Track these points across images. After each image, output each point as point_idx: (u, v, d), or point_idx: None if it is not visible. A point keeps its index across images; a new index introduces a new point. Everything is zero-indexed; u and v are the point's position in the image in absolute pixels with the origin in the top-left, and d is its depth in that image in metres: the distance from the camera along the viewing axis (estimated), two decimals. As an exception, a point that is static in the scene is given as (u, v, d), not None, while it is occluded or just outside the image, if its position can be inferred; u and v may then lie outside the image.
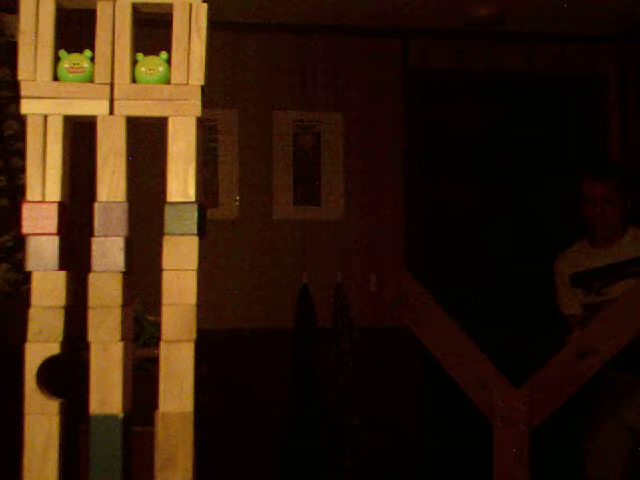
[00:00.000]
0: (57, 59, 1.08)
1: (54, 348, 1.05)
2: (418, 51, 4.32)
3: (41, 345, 1.05)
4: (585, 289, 3.12)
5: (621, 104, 4.41)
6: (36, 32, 1.07)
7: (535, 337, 3.84)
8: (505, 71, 4.44)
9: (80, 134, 1.16)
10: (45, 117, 1.07)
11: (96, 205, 1.08)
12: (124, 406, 1.06)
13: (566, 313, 3.19)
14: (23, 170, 1.09)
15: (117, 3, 1.09)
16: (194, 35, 1.09)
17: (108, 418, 1.05)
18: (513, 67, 4.41)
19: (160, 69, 1.09)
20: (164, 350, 1.07)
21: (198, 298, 1.08)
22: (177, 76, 1.09)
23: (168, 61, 1.10)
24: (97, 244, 1.07)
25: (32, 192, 1.07)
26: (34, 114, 1.07)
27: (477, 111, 5.20)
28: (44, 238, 1.06)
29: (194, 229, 1.08)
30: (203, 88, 1.10)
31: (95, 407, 1.06)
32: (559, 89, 4.68)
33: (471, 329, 2.01)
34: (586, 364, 1.83)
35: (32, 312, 1.05)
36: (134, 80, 1.09)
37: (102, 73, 1.08)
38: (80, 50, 1.09)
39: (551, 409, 1.84)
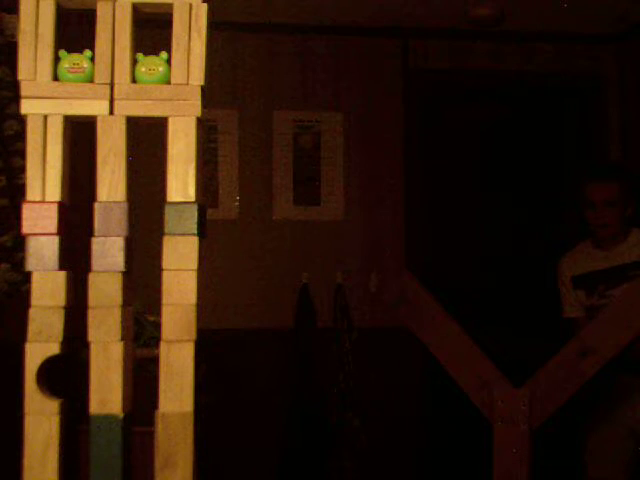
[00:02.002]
0: (57, 59, 1.08)
1: (54, 348, 1.05)
2: (418, 51, 4.32)
3: (41, 345, 1.05)
4: (587, 291, 3.12)
5: (621, 104, 4.40)
6: (36, 32, 1.07)
7: (535, 338, 3.84)
8: (505, 71, 4.44)
9: (80, 134, 1.16)
10: (45, 117, 1.07)
11: (96, 205, 1.08)
12: (124, 406, 1.06)
13: (568, 316, 3.19)
14: (23, 170, 1.09)
15: (117, 3, 1.09)
16: (194, 35, 1.09)
17: (108, 418, 1.05)
18: (513, 67, 4.41)
19: (160, 69, 1.09)
20: (164, 350, 1.07)
21: (198, 298, 1.07)
22: (177, 76, 1.09)
23: (168, 61, 1.10)
24: (97, 244, 1.07)
25: (32, 192, 1.07)
26: (34, 114, 1.07)
27: (477, 111, 5.20)
28: (44, 238, 1.06)
29: (194, 229, 1.08)
30: (203, 88, 1.10)
31: (95, 407, 1.06)
32: (559, 89, 4.68)
33: (471, 329, 2.01)
34: (586, 364, 1.83)
35: (32, 312, 1.05)
36: (134, 80, 1.09)
37: (102, 73, 1.08)
38: (80, 50, 1.09)
39: (551, 409, 1.84)
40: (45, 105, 1.07)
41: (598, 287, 3.09)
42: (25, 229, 1.06)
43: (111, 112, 1.08)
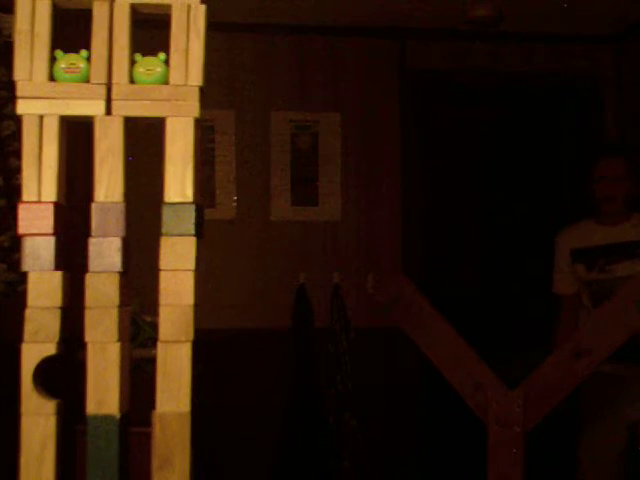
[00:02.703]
0: (53, 59, 1.08)
1: (51, 348, 1.05)
2: (416, 51, 4.32)
3: (38, 346, 1.05)
4: (587, 265, 3.13)
5: (619, 105, 4.41)
6: (32, 32, 1.07)
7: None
8: (503, 72, 4.45)
9: (78, 134, 1.16)
10: (41, 117, 1.07)
11: (93, 205, 1.08)
12: (121, 406, 1.06)
13: (558, 291, 3.21)
14: (19, 170, 1.09)
15: (115, 3, 1.09)
16: (192, 36, 1.09)
17: (105, 418, 1.05)
18: (512, 68, 4.42)
19: (158, 70, 1.09)
20: (161, 350, 1.07)
21: (196, 298, 1.07)
22: (175, 77, 1.09)
23: (166, 62, 1.10)
24: (94, 244, 1.07)
25: (28, 192, 1.07)
26: (30, 114, 1.07)
27: (475, 111, 5.21)
28: (40, 238, 1.06)
29: (192, 230, 1.08)
30: (201, 89, 1.10)
31: (92, 407, 1.06)
32: (558, 90, 4.69)
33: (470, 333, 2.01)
34: (580, 365, 1.83)
35: (28, 312, 1.05)
36: (132, 81, 1.09)
37: (98, 73, 1.08)
38: (76, 50, 1.09)
39: (545, 411, 1.84)
40: (41, 105, 1.07)
41: (598, 261, 3.10)
42: (21, 229, 1.06)
43: (109, 112, 1.08)
